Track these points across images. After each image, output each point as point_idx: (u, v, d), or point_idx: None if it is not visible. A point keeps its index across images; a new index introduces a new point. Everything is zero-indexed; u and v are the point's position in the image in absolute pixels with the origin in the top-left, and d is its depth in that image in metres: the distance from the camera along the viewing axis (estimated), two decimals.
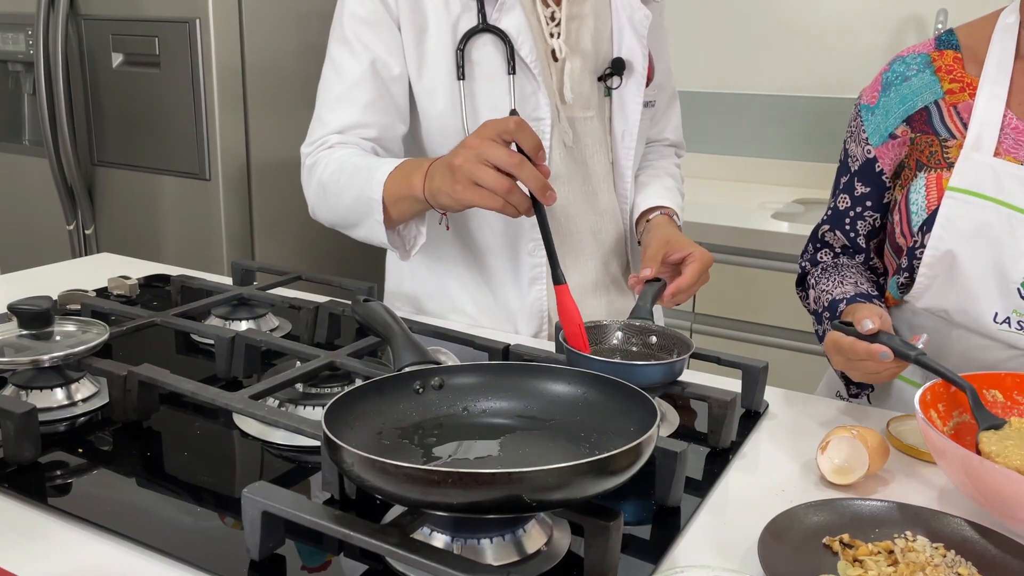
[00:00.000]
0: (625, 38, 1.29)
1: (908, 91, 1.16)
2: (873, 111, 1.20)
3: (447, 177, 1.04)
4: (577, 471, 0.64)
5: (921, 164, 1.14)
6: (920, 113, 1.15)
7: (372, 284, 1.30)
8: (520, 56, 1.23)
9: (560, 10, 1.27)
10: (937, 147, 1.13)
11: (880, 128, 1.19)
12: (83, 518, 0.78)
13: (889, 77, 1.19)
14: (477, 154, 1.01)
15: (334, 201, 1.23)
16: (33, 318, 1.01)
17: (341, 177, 1.20)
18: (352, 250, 2.63)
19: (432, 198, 1.09)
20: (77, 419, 0.98)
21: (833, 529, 0.78)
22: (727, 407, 0.95)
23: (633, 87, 1.30)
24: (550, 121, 1.25)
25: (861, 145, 1.22)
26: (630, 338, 1.05)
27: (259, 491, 0.71)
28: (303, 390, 0.99)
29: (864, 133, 1.21)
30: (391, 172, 1.14)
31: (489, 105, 1.25)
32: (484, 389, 0.85)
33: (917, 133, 1.15)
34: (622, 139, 1.32)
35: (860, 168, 1.22)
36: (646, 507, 0.84)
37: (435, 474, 0.62)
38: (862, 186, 1.22)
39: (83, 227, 2.48)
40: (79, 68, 2.36)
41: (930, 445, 0.86)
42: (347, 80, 1.25)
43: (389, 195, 1.14)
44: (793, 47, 2.64)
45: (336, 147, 1.25)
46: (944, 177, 1.10)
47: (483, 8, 1.22)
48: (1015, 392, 0.98)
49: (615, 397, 0.80)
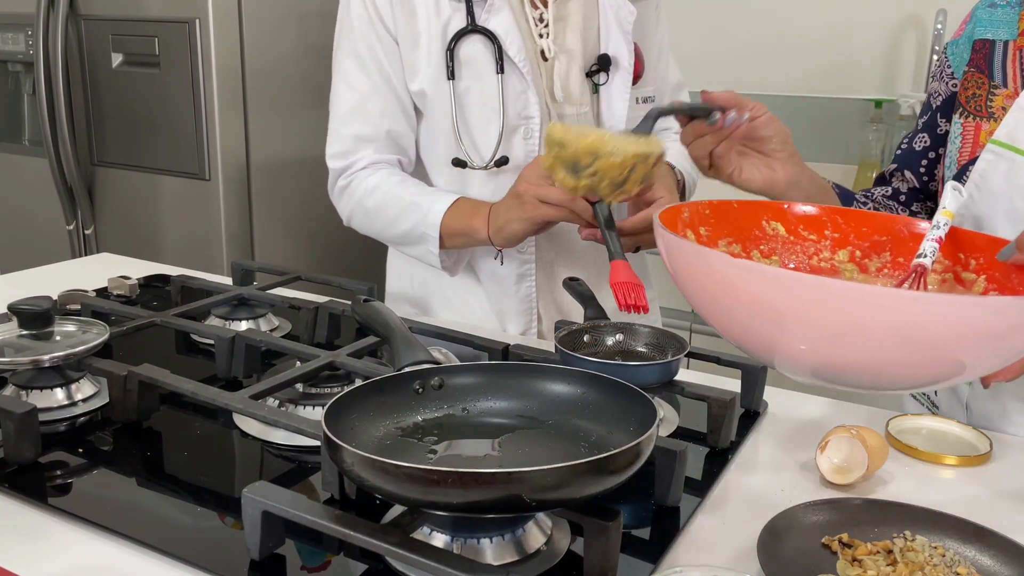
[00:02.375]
0: (612, 35, 1.30)
1: (988, 19, 1.05)
2: (957, 43, 1.09)
3: (514, 206, 1.17)
4: (577, 471, 0.64)
5: (959, 106, 1.03)
6: (983, 44, 1.03)
7: (372, 284, 1.30)
8: (508, 55, 1.25)
9: (548, 11, 1.29)
10: (984, 91, 1.01)
11: (963, 58, 1.07)
12: (84, 518, 0.78)
13: (979, 5, 1.08)
14: (536, 183, 1.14)
15: (381, 226, 1.34)
16: (33, 318, 1.01)
17: (390, 211, 1.30)
18: (352, 250, 2.63)
19: (498, 233, 1.21)
20: (77, 419, 0.98)
21: (832, 529, 0.79)
22: (726, 407, 0.95)
23: (620, 83, 1.31)
24: (539, 119, 1.28)
25: (945, 81, 1.10)
26: (628, 339, 1.06)
27: (259, 491, 0.71)
28: (303, 390, 0.99)
29: (949, 68, 1.09)
30: (446, 212, 1.25)
31: (479, 104, 1.27)
32: (484, 389, 0.85)
33: (972, 68, 1.03)
34: None
35: (943, 103, 1.09)
36: (645, 507, 0.84)
37: (435, 474, 0.62)
38: (946, 123, 1.09)
39: (83, 227, 2.48)
40: (79, 68, 2.36)
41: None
42: (358, 92, 1.30)
43: (445, 232, 1.26)
44: (791, 47, 2.64)
45: (371, 170, 1.32)
46: (984, 128, 0.99)
47: (471, 9, 1.25)
48: (800, 226, 0.88)
49: (614, 397, 0.80)
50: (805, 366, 0.68)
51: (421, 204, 1.27)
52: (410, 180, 1.33)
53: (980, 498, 0.89)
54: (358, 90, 1.30)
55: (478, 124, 1.28)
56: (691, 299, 0.76)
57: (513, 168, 1.28)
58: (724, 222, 0.89)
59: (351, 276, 1.39)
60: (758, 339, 0.70)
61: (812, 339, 0.65)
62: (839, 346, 0.64)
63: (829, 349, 0.65)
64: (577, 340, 1.04)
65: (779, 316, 0.65)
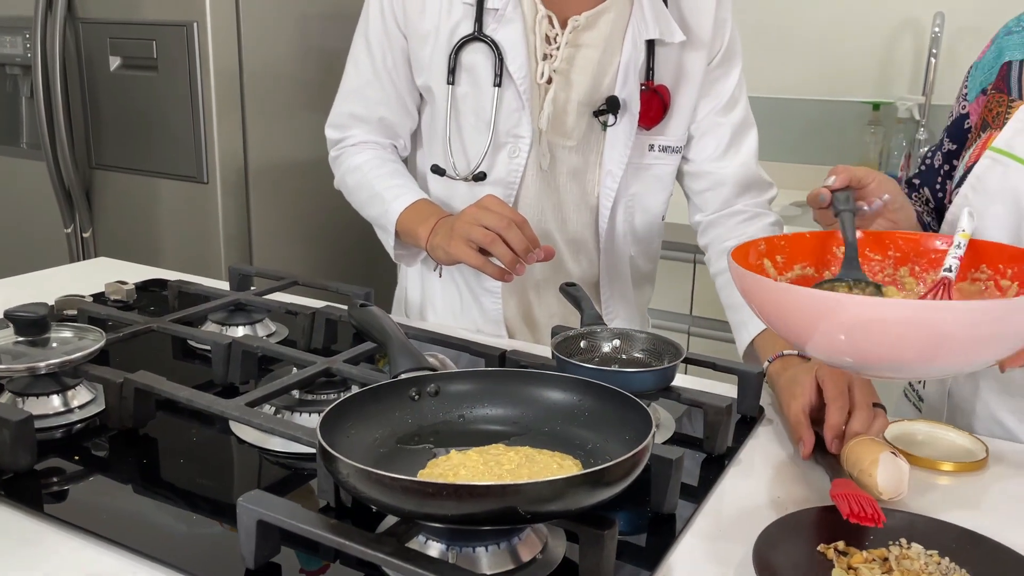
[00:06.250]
0: (628, 79, 1.26)
1: (1007, 45, 1.13)
2: (977, 66, 1.17)
3: (447, 235, 1.19)
4: (571, 483, 0.64)
5: (986, 123, 1.12)
6: (1004, 67, 1.11)
7: (369, 289, 1.30)
8: (508, 70, 1.23)
9: (563, 35, 1.25)
10: (1004, 107, 1.09)
11: (978, 82, 1.16)
12: (79, 526, 0.78)
13: (1000, 32, 1.16)
14: (475, 217, 1.15)
15: (356, 204, 1.39)
16: (30, 325, 1.01)
17: (362, 193, 1.35)
18: (350, 253, 2.63)
19: (432, 251, 1.24)
20: (73, 426, 0.98)
21: (828, 537, 0.79)
22: (723, 414, 0.95)
23: (625, 127, 1.28)
24: (529, 141, 1.26)
25: (960, 101, 1.19)
26: (623, 345, 1.06)
27: (254, 500, 0.71)
28: (299, 396, 0.99)
29: (965, 89, 1.18)
30: (403, 212, 1.28)
31: (473, 113, 1.27)
32: (480, 396, 0.85)
33: (994, 90, 1.12)
34: (605, 179, 1.31)
35: (952, 123, 1.20)
36: (641, 514, 0.84)
37: (430, 486, 0.62)
38: (949, 142, 1.20)
39: (81, 230, 2.48)
40: (77, 71, 2.36)
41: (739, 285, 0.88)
42: (362, 76, 1.35)
43: (401, 229, 1.29)
44: (789, 50, 2.64)
45: (360, 148, 1.37)
46: (993, 136, 1.07)
47: (481, 17, 1.23)
48: (866, 249, 1.01)
49: (611, 405, 0.80)
50: (845, 355, 0.81)
51: (385, 198, 1.31)
52: (390, 166, 1.35)
53: (976, 505, 0.89)
54: (362, 74, 1.34)
55: (468, 134, 1.28)
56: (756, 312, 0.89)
57: (492, 182, 1.28)
58: (798, 251, 1.01)
59: (350, 278, 1.39)
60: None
61: (847, 338, 0.79)
62: (868, 344, 0.78)
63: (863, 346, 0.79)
64: (573, 346, 1.04)
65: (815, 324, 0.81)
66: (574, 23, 1.24)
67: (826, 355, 0.83)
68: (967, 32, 2.39)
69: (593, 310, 1.11)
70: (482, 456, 0.75)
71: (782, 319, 0.84)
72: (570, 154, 1.30)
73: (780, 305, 0.83)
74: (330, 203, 2.55)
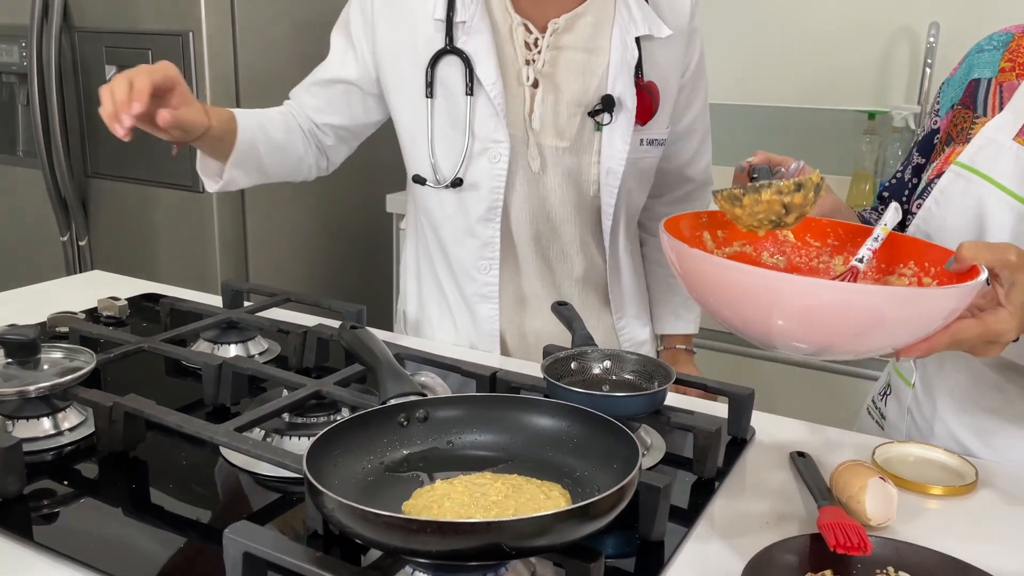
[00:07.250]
0: (620, 76, 1.27)
1: (976, 63, 1.15)
2: (949, 83, 1.19)
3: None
4: (557, 519, 0.64)
5: (950, 138, 1.14)
6: (972, 84, 1.14)
7: (361, 307, 1.30)
8: (479, 78, 1.25)
9: (543, 38, 1.28)
10: (968, 122, 1.12)
11: (949, 99, 1.18)
12: (67, 555, 0.78)
13: (971, 51, 1.18)
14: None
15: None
16: (20, 348, 1.01)
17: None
18: (345, 264, 2.63)
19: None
20: (63, 448, 0.98)
21: (815, 565, 0.79)
22: (712, 438, 0.95)
23: (623, 124, 1.29)
24: (508, 144, 1.27)
25: (932, 117, 1.21)
26: (615, 366, 1.05)
27: (241, 531, 0.71)
28: (289, 420, 0.99)
29: (937, 105, 1.20)
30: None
31: (451, 123, 1.29)
32: (469, 422, 0.85)
33: (960, 106, 1.15)
34: (606, 177, 1.31)
35: (922, 138, 1.22)
36: (630, 540, 0.84)
37: (414, 523, 0.62)
38: (918, 156, 1.22)
39: (77, 239, 2.48)
40: (73, 80, 2.36)
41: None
42: (327, 72, 1.40)
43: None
44: (785, 59, 2.64)
45: (284, 104, 1.45)
46: (957, 151, 1.10)
47: (451, 30, 1.26)
48: (807, 235, 1.05)
49: (599, 433, 0.80)
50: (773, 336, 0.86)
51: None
52: (262, 115, 1.38)
53: (964, 530, 0.89)
54: (328, 70, 1.40)
55: (447, 143, 1.30)
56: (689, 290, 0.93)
57: (475, 188, 1.29)
58: (737, 228, 1.02)
59: (345, 287, 1.39)
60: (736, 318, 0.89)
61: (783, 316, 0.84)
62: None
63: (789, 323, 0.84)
64: (564, 368, 1.04)
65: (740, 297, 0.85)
66: (553, 26, 1.28)
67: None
68: (962, 42, 2.39)
69: (584, 331, 1.11)
70: (468, 487, 0.75)
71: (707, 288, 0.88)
72: (563, 155, 1.31)
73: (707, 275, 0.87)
74: (326, 212, 2.56)
